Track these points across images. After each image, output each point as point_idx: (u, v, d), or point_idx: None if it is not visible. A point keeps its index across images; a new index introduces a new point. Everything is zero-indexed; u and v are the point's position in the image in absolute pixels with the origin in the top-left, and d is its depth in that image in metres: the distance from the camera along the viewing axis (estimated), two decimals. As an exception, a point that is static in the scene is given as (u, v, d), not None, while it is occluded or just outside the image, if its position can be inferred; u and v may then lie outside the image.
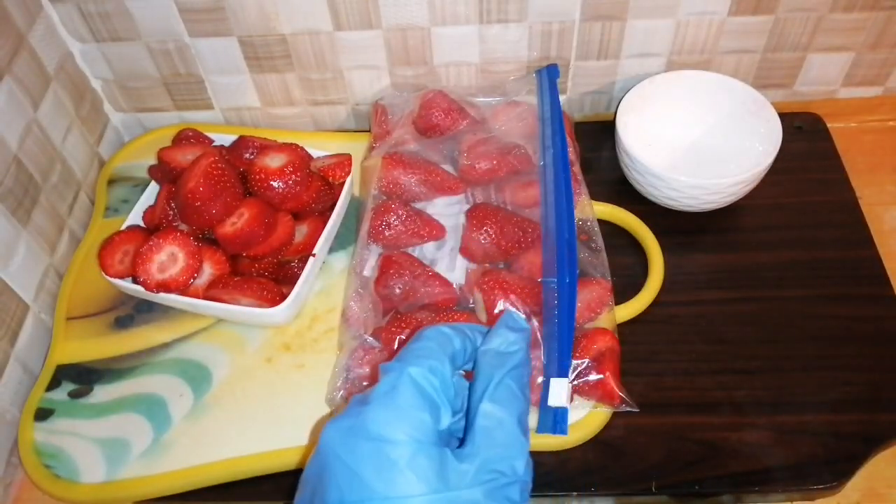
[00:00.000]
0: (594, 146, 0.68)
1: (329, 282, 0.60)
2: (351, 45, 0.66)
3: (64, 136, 0.65)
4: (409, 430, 0.34)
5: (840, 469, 0.49)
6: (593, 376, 0.50)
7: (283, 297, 0.54)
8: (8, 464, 0.55)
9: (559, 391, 0.47)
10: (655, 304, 0.58)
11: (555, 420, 0.46)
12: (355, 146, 0.67)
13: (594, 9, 0.63)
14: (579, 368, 0.51)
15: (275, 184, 0.56)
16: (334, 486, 0.34)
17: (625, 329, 0.55)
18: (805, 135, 0.68)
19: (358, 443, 0.34)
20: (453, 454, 0.35)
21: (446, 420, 0.36)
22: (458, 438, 0.40)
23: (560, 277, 0.52)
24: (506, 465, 0.35)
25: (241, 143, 0.64)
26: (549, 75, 0.65)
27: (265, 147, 0.59)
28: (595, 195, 0.61)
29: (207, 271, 0.56)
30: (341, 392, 0.51)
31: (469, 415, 0.37)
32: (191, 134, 0.64)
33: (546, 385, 0.48)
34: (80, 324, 0.59)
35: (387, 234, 0.57)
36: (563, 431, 0.46)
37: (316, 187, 0.58)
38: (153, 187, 0.62)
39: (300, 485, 0.37)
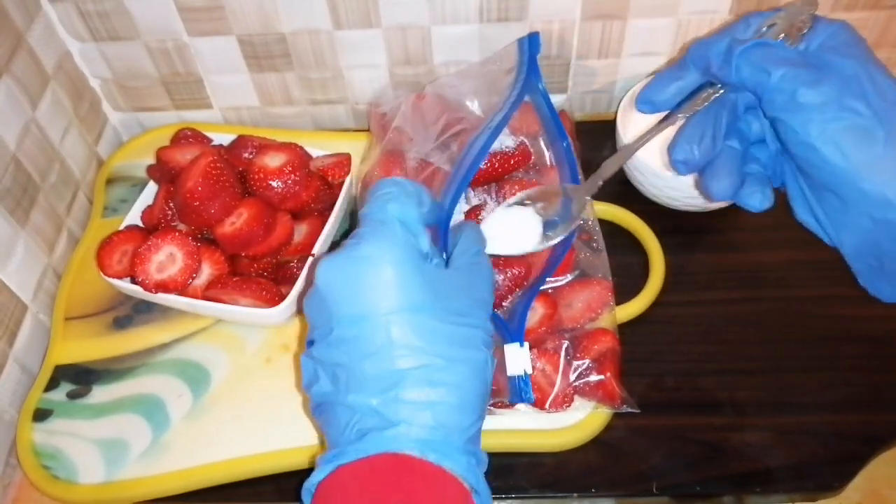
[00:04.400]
0: (594, 146, 0.67)
1: (329, 282, 0.60)
2: (351, 45, 0.66)
3: (62, 136, 0.65)
4: (396, 253, 0.38)
5: (841, 470, 0.49)
6: (594, 377, 0.50)
7: (282, 297, 0.54)
8: (6, 465, 0.55)
9: (514, 358, 0.48)
10: (656, 304, 0.58)
11: (519, 388, 0.47)
12: (355, 146, 0.67)
13: (595, 8, 0.63)
14: (580, 369, 0.50)
15: (274, 183, 0.56)
16: (336, 310, 0.38)
17: (626, 329, 0.55)
18: (806, 134, 0.68)
19: (353, 269, 0.38)
20: (438, 268, 0.40)
21: (424, 244, 0.41)
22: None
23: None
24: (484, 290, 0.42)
25: (240, 142, 0.63)
26: (531, 47, 0.60)
27: (264, 146, 0.59)
28: (595, 195, 0.60)
29: (206, 271, 0.56)
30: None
31: (448, 251, 0.44)
32: (189, 133, 0.64)
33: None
34: (78, 324, 0.59)
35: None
36: (529, 399, 0.46)
37: (315, 187, 0.58)
38: (152, 187, 0.62)
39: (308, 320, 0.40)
